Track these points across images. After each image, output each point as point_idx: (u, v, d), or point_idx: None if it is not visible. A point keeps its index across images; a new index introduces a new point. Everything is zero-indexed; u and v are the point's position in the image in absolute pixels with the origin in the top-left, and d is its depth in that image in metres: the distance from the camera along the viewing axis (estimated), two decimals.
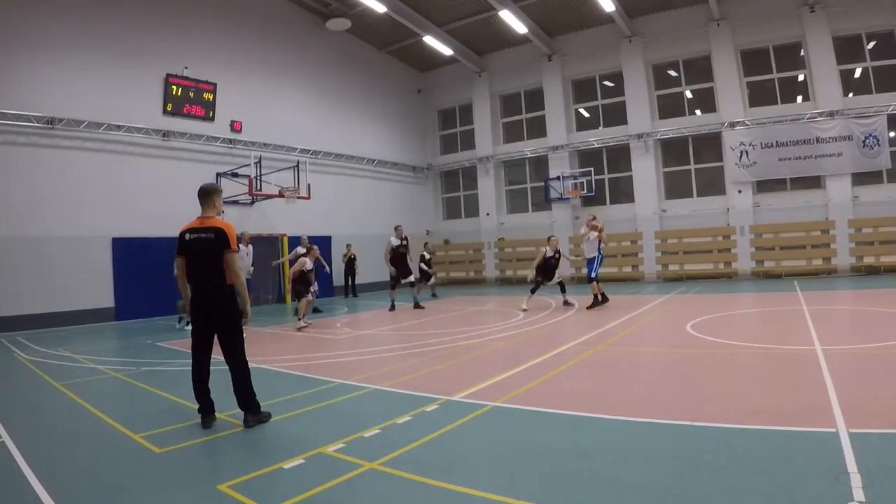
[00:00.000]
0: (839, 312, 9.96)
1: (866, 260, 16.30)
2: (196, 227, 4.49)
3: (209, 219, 4.55)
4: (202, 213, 4.61)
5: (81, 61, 13.38)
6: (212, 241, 4.42)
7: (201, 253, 4.42)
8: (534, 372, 5.97)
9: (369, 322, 11.87)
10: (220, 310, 4.45)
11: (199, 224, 4.50)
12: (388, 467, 3.43)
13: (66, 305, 12.73)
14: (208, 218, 4.56)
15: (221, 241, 4.44)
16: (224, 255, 4.43)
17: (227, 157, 16.38)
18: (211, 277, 4.43)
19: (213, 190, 4.75)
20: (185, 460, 3.80)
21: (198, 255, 4.43)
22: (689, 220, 18.84)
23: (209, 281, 4.43)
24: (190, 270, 4.51)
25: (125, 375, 6.86)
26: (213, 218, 4.58)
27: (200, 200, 4.65)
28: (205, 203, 4.64)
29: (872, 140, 16.01)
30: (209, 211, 4.62)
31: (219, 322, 4.47)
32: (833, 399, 4.26)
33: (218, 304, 4.45)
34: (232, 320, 4.50)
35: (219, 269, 4.43)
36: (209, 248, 4.42)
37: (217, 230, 4.46)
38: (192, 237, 4.46)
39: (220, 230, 4.46)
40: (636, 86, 19.53)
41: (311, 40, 19.30)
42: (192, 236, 4.46)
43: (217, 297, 4.45)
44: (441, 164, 24.66)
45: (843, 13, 16.28)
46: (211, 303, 4.44)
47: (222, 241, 4.44)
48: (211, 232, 4.44)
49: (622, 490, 2.98)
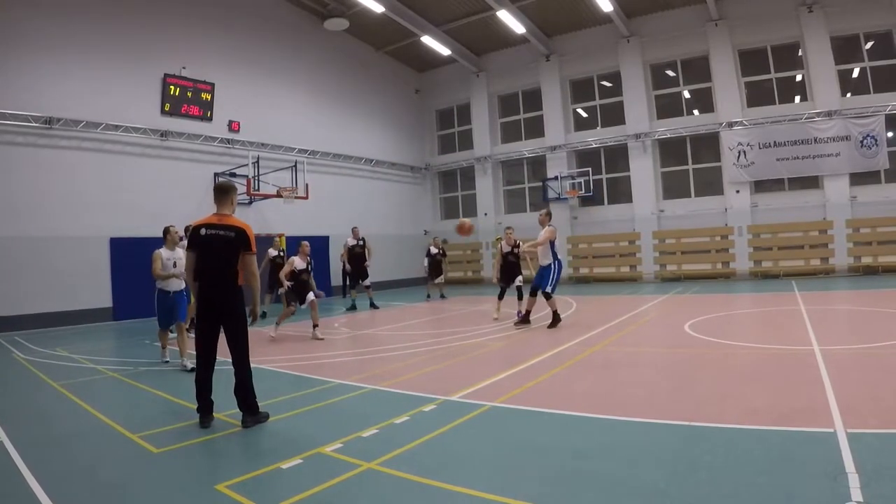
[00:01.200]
0: (837, 312, 9.97)
1: (864, 260, 16.33)
2: (214, 224, 4.39)
3: (228, 217, 4.48)
4: (219, 210, 4.51)
5: (80, 61, 13.36)
6: (232, 240, 4.36)
7: (217, 250, 4.34)
8: (532, 372, 5.97)
9: (367, 322, 11.86)
10: (233, 310, 4.39)
11: (218, 220, 4.41)
12: (386, 467, 3.43)
13: (65, 305, 12.71)
14: (227, 216, 4.49)
15: (242, 241, 4.39)
16: (244, 257, 4.39)
17: (225, 157, 16.37)
18: (226, 276, 4.36)
19: (230, 187, 4.66)
20: (184, 460, 3.79)
21: (214, 251, 4.34)
22: (687, 221, 18.87)
23: (224, 280, 4.36)
24: (201, 266, 4.39)
25: (123, 375, 6.84)
26: (231, 217, 4.51)
27: (218, 197, 4.57)
28: (223, 200, 4.55)
29: (870, 140, 16.04)
30: (227, 209, 4.54)
31: (230, 322, 4.40)
32: (831, 399, 4.27)
33: (231, 304, 4.38)
34: (242, 321, 4.46)
35: (234, 268, 4.38)
36: (228, 246, 4.35)
37: (239, 230, 4.40)
38: (209, 233, 4.35)
39: (242, 231, 4.41)
40: (634, 86, 19.55)
41: (308, 40, 19.29)
42: (209, 232, 4.35)
43: (230, 296, 4.38)
44: (439, 164, 24.67)
45: (840, 13, 16.31)
46: (224, 301, 4.37)
47: (243, 241, 4.39)
48: (231, 231, 4.38)
49: (620, 490, 2.98)
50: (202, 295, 4.39)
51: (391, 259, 20.80)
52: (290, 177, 15.80)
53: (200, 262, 4.38)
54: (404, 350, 7.91)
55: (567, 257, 20.65)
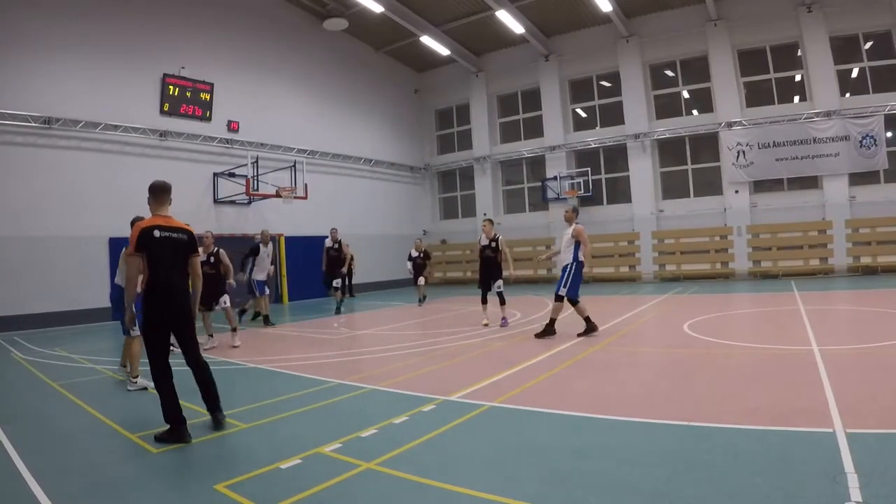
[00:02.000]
0: (836, 312, 9.98)
1: (863, 260, 16.34)
2: (166, 226, 4.26)
3: (172, 219, 4.37)
4: (162, 213, 4.35)
5: (79, 61, 13.34)
6: (184, 243, 4.32)
7: (172, 253, 4.25)
8: (531, 372, 5.97)
9: (366, 322, 11.85)
10: (185, 311, 4.32)
11: (166, 223, 4.28)
12: (385, 467, 3.43)
13: (63, 305, 12.69)
14: (170, 218, 4.37)
15: (192, 245, 4.39)
16: (192, 259, 4.41)
17: (225, 157, 16.36)
18: (181, 278, 4.33)
19: (169, 187, 4.46)
20: (182, 460, 3.79)
21: (168, 254, 4.23)
22: (686, 221, 18.87)
23: (179, 282, 4.30)
24: (153, 269, 4.19)
25: (122, 375, 6.83)
26: (174, 218, 4.40)
27: (157, 197, 4.35)
28: (164, 201, 4.37)
29: (869, 140, 16.06)
30: (167, 210, 4.39)
31: (183, 324, 4.31)
32: (830, 399, 4.27)
33: (182, 306, 4.30)
34: (192, 322, 4.40)
35: (185, 271, 4.38)
36: (181, 249, 4.31)
37: (188, 233, 4.37)
38: (162, 235, 4.20)
39: (191, 234, 4.40)
40: (633, 86, 19.57)
41: (308, 40, 19.28)
42: (162, 234, 4.20)
43: (184, 298, 4.34)
44: (438, 164, 24.67)
45: (840, 13, 16.33)
46: (178, 304, 4.28)
47: (193, 245, 4.39)
48: (183, 234, 4.33)
49: (619, 490, 2.98)
50: (159, 298, 4.18)
51: (390, 259, 20.75)
52: (289, 177, 15.79)
53: (154, 266, 4.19)
54: (403, 350, 7.90)
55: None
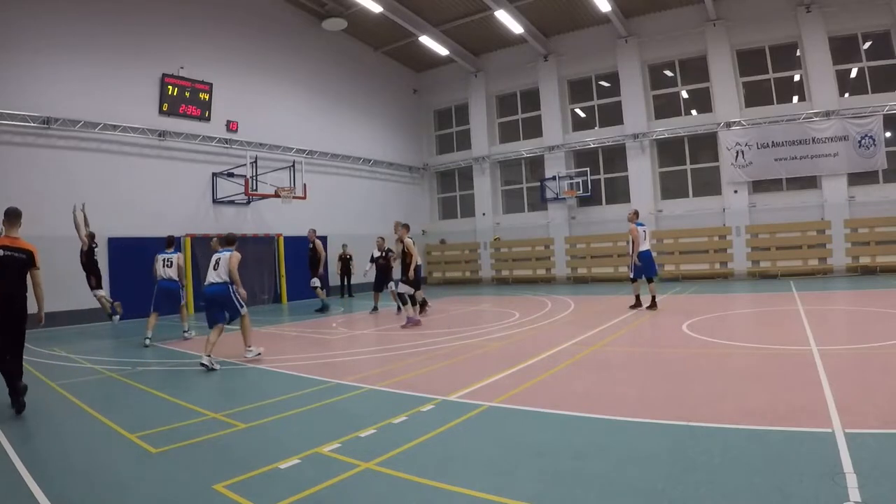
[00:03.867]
0: (835, 313, 9.99)
1: (862, 260, 16.34)
2: (9, 246, 5.16)
3: (18, 240, 5.29)
4: (10, 234, 5.30)
5: (77, 61, 13.33)
6: (23, 261, 5.20)
7: (12, 269, 5.13)
8: (529, 372, 5.97)
9: (365, 322, 11.85)
10: (22, 315, 5.15)
11: (11, 243, 5.19)
12: (383, 467, 3.43)
13: (63, 305, 12.65)
14: (17, 239, 5.29)
15: (32, 261, 5.26)
16: (32, 273, 5.27)
17: (223, 156, 16.35)
18: (20, 289, 5.16)
19: (21, 213, 5.46)
20: (181, 460, 3.78)
21: (10, 270, 5.11)
22: (685, 221, 18.88)
23: (18, 292, 5.14)
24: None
25: (121, 375, 6.83)
26: (21, 239, 5.31)
27: (10, 221, 5.35)
28: (16, 224, 5.38)
29: (868, 140, 16.07)
30: (17, 231, 5.35)
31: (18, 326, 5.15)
32: (829, 399, 4.27)
33: (19, 311, 5.13)
34: (25, 324, 5.24)
35: (25, 282, 5.23)
36: (20, 266, 5.18)
37: (28, 252, 5.25)
38: (5, 254, 5.10)
39: (31, 252, 5.27)
40: (632, 86, 19.57)
41: (307, 40, 19.27)
42: (5, 253, 5.10)
43: (22, 305, 5.14)
44: (437, 164, 24.66)
45: (839, 13, 16.33)
46: (16, 310, 5.11)
47: (32, 261, 5.26)
48: (23, 253, 5.22)
49: (617, 490, 2.98)
50: None
51: None
52: (288, 177, 15.77)
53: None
54: (402, 350, 7.90)
55: (565, 257, 20.70)
